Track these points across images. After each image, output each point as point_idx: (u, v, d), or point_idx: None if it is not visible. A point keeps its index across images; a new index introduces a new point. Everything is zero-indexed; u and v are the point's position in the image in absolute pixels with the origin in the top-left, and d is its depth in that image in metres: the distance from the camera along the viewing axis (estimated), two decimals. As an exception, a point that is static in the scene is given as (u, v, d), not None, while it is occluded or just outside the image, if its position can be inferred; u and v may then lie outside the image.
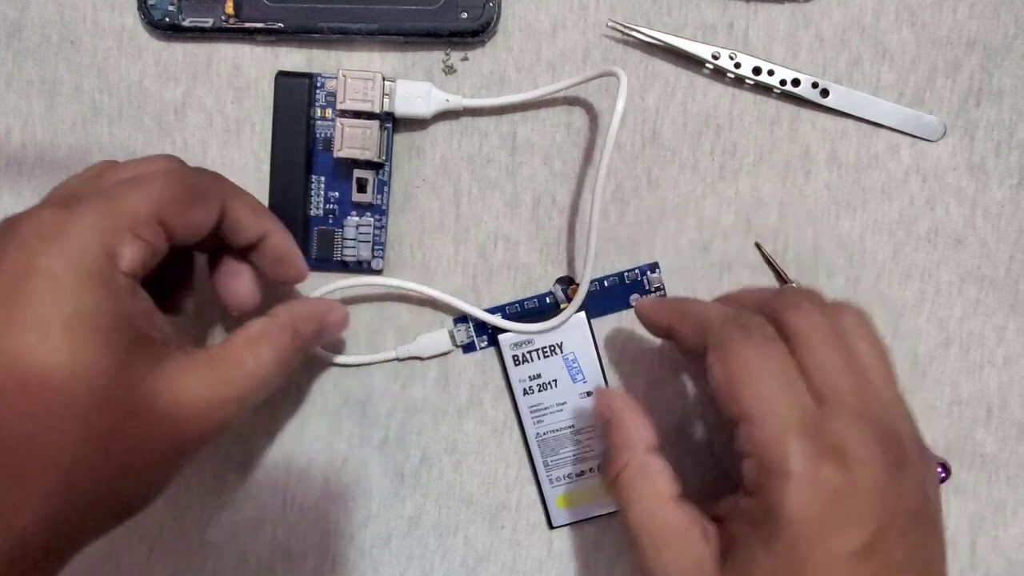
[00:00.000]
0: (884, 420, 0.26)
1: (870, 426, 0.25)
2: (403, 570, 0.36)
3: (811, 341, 0.26)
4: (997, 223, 0.35)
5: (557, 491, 0.35)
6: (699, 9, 0.35)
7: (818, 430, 0.25)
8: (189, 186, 0.27)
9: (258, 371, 0.27)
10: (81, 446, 0.23)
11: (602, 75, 0.32)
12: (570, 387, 0.35)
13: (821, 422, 0.25)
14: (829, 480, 0.24)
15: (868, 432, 0.25)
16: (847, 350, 0.27)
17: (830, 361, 0.26)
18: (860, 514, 0.24)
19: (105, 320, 0.24)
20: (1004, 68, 0.35)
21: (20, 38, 0.35)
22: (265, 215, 0.30)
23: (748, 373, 0.26)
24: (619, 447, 0.29)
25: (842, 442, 0.24)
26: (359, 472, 0.36)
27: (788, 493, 0.24)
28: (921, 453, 0.26)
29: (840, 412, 0.25)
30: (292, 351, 0.29)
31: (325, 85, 0.34)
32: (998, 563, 0.36)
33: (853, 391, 0.26)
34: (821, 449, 0.24)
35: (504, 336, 0.34)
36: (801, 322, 0.27)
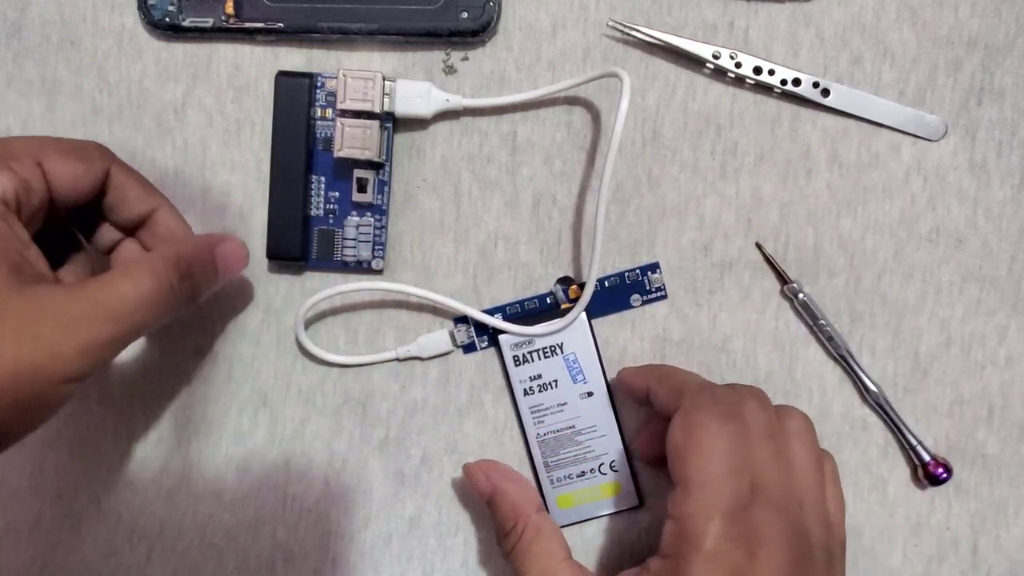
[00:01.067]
0: (800, 521, 0.27)
1: (786, 522, 0.27)
2: (403, 570, 0.36)
3: (751, 435, 0.28)
4: (999, 223, 0.35)
5: (558, 492, 0.35)
6: (699, 9, 0.34)
7: (742, 515, 0.26)
8: (72, 142, 0.28)
9: (134, 297, 0.27)
10: None
11: (604, 76, 0.32)
12: (571, 388, 0.35)
13: (747, 509, 0.26)
14: (733, 563, 0.26)
15: (783, 527, 0.26)
16: (783, 448, 0.28)
17: (764, 455, 0.28)
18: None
19: None
20: (1005, 67, 0.34)
21: (20, 38, 0.35)
22: (154, 191, 0.31)
23: (703, 444, 0.27)
24: (509, 515, 0.32)
25: (758, 531, 0.26)
26: (359, 472, 0.36)
27: (694, 566, 0.26)
28: (828, 561, 0.28)
29: (766, 503, 0.27)
30: (177, 281, 0.28)
31: (325, 85, 0.34)
32: (1000, 563, 0.36)
33: (779, 486, 0.27)
34: (737, 533, 0.26)
35: (505, 336, 0.34)
36: (748, 415, 0.28)
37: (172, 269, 0.28)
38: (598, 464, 0.35)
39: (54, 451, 0.36)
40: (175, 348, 0.36)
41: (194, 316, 0.35)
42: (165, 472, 0.36)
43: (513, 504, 0.32)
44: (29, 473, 0.36)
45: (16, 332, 0.24)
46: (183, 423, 0.36)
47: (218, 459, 0.36)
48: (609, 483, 0.35)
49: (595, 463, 0.35)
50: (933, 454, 0.35)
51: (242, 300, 0.36)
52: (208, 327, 0.36)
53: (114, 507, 0.36)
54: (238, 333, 0.36)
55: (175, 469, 0.36)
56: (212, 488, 0.36)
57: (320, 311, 0.36)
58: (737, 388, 0.30)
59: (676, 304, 0.35)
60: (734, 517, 0.26)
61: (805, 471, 0.29)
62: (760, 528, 0.26)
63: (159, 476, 0.36)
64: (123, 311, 0.26)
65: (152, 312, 0.27)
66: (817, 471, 0.29)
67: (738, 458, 0.27)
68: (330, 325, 0.36)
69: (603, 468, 0.35)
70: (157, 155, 0.35)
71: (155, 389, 0.36)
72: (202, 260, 0.30)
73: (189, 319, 0.35)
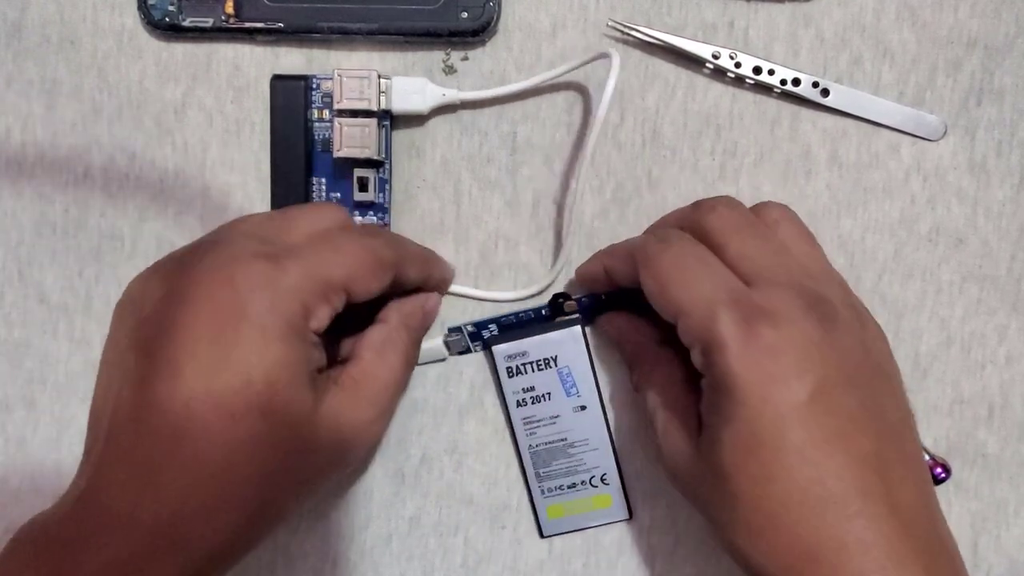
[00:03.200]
0: (810, 287, 0.27)
1: (795, 291, 0.26)
2: (403, 570, 0.36)
3: (728, 235, 0.28)
4: (998, 222, 0.35)
5: (548, 502, 0.35)
6: (699, 8, 0.34)
7: (745, 300, 0.26)
8: (377, 259, 0.29)
9: (393, 379, 0.30)
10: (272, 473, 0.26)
11: (596, 58, 0.32)
12: (563, 401, 0.34)
13: (748, 294, 0.26)
14: (762, 339, 0.25)
15: (793, 295, 0.26)
16: (767, 236, 0.28)
17: (749, 247, 0.28)
18: (799, 367, 0.25)
19: (297, 369, 0.26)
20: (1005, 67, 0.34)
21: (20, 38, 0.35)
22: (427, 264, 0.33)
23: (673, 275, 0.27)
24: (632, 356, 0.33)
25: (770, 306, 0.26)
26: (359, 472, 0.36)
27: (728, 359, 0.25)
28: (856, 315, 0.28)
29: (766, 283, 0.27)
30: (412, 348, 0.32)
31: (321, 86, 0.34)
32: (1000, 563, 0.36)
33: (777, 266, 0.27)
34: (750, 314, 0.25)
35: (498, 347, 0.34)
36: (716, 221, 0.29)
37: (409, 341, 0.31)
38: (589, 477, 0.35)
39: (54, 451, 0.36)
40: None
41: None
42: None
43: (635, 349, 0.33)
44: (30, 474, 0.36)
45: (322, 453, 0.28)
46: (183, 423, 0.36)
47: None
48: (600, 495, 0.35)
49: (586, 475, 0.35)
50: (932, 454, 0.35)
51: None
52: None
53: (114, 507, 0.36)
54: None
55: (175, 469, 0.36)
56: (212, 488, 0.36)
57: (320, 311, 0.36)
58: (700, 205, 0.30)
59: (676, 304, 0.35)
60: (738, 304, 0.26)
61: (799, 247, 0.29)
62: (771, 303, 0.26)
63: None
64: (389, 400, 0.30)
65: (404, 387, 0.32)
66: (814, 246, 0.29)
67: (711, 262, 0.27)
68: (330, 325, 0.36)
69: (594, 481, 0.35)
70: (157, 155, 0.35)
71: (155, 389, 0.36)
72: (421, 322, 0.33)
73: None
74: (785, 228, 0.29)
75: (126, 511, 0.24)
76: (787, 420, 0.24)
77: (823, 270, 0.29)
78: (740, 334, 0.25)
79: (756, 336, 0.25)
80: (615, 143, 0.35)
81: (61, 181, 0.36)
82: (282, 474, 0.26)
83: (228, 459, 0.25)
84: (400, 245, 0.31)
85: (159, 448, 0.24)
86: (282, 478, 0.26)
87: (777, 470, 0.25)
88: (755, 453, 0.25)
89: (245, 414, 0.25)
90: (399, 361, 0.30)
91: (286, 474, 0.26)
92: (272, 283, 0.26)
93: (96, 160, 0.36)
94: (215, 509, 0.25)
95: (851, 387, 0.25)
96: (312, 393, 0.27)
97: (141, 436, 0.24)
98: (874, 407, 0.26)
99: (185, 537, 0.24)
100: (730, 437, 0.25)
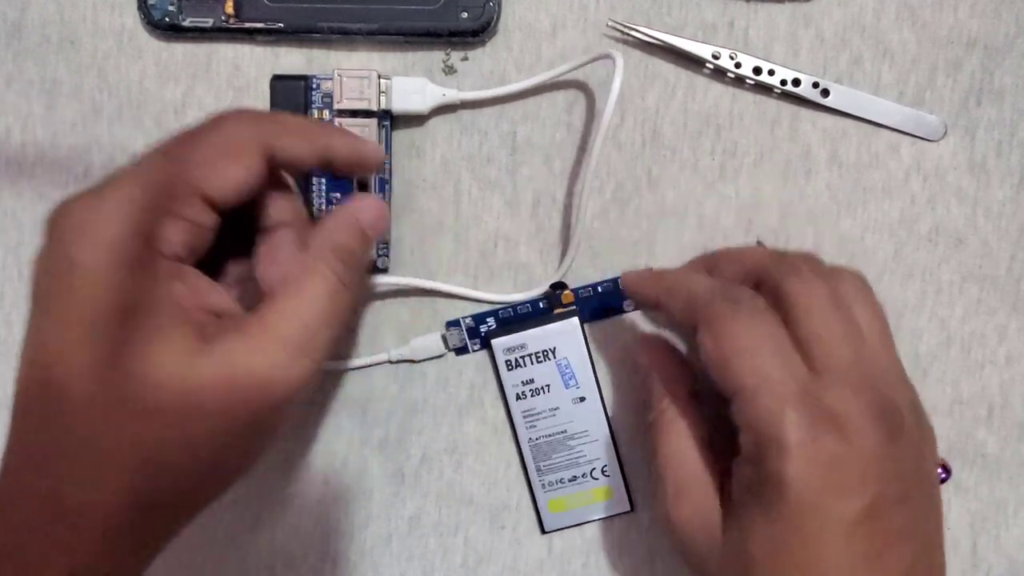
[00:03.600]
0: (881, 389, 0.25)
1: (867, 395, 0.25)
2: (403, 570, 0.36)
3: (810, 310, 0.26)
4: (998, 222, 0.35)
5: (550, 496, 0.35)
6: (699, 9, 0.34)
7: (814, 399, 0.24)
8: (228, 143, 0.25)
9: (315, 313, 0.25)
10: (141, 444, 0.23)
11: (597, 58, 0.32)
12: (563, 392, 0.35)
13: (817, 391, 0.25)
14: (826, 449, 0.24)
15: (865, 401, 0.25)
16: (846, 319, 0.26)
17: (828, 330, 0.26)
18: (859, 482, 0.24)
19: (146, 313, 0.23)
20: (1005, 67, 0.34)
21: (20, 38, 0.35)
22: (316, 132, 0.28)
23: (739, 347, 0.25)
24: (657, 394, 0.30)
25: (839, 411, 0.24)
26: (359, 472, 0.36)
27: (787, 463, 0.24)
28: (918, 421, 0.26)
29: (837, 381, 0.25)
30: (347, 273, 0.27)
31: (321, 87, 0.34)
32: (1000, 563, 0.36)
33: (850, 361, 0.25)
34: (818, 418, 0.24)
35: (497, 341, 0.34)
36: (800, 290, 0.26)
37: (336, 264, 0.26)
38: (590, 469, 0.35)
39: (54, 451, 0.36)
40: (175, 348, 0.36)
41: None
42: (165, 472, 0.36)
43: (662, 385, 0.30)
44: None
45: (221, 401, 0.24)
46: (183, 423, 0.36)
47: (218, 459, 0.36)
48: (601, 488, 0.35)
49: (587, 468, 0.35)
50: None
51: (242, 300, 0.36)
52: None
53: (114, 507, 0.36)
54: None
55: (175, 469, 0.36)
56: (212, 488, 0.36)
57: (320, 311, 0.36)
58: (779, 263, 0.28)
59: (676, 304, 0.35)
60: (806, 402, 0.24)
61: (873, 336, 0.27)
62: (840, 407, 0.24)
63: (159, 476, 0.36)
64: (309, 338, 0.25)
65: (335, 320, 0.26)
66: (883, 332, 0.27)
67: (782, 344, 0.25)
68: (330, 325, 0.36)
69: (595, 473, 0.35)
70: (157, 155, 0.35)
71: (155, 389, 0.36)
72: (357, 238, 0.28)
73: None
74: (861, 310, 0.27)
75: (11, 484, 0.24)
76: (835, 532, 0.24)
77: (892, 365, 0.27)
78: (805, 440, 0.24)
79: (821, 445, 0.24)
80: (615, 143, 0.35)
81: (61, 181, 0.36)
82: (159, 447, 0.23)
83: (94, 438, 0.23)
84: (263, 120, 0.27)
85: (33, 423, 0.23)
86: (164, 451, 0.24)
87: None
88: (793, 555, 0.24)
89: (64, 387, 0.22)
90: (322, 291, 0.26)
91: (166, 446, 0.24)
92: (91, 217, 0.23)
93: (96, 160, 0.36)
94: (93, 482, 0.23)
95: (903, 504, 0.25)
96: (178, 335, 0.23)
97: (22, 412, 0.24)
98: (918, 521, 0.25)
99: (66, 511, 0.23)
100: (769, 532, 0.24)
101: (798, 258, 0.28)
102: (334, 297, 0.26)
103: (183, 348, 0.23)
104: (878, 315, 0.28)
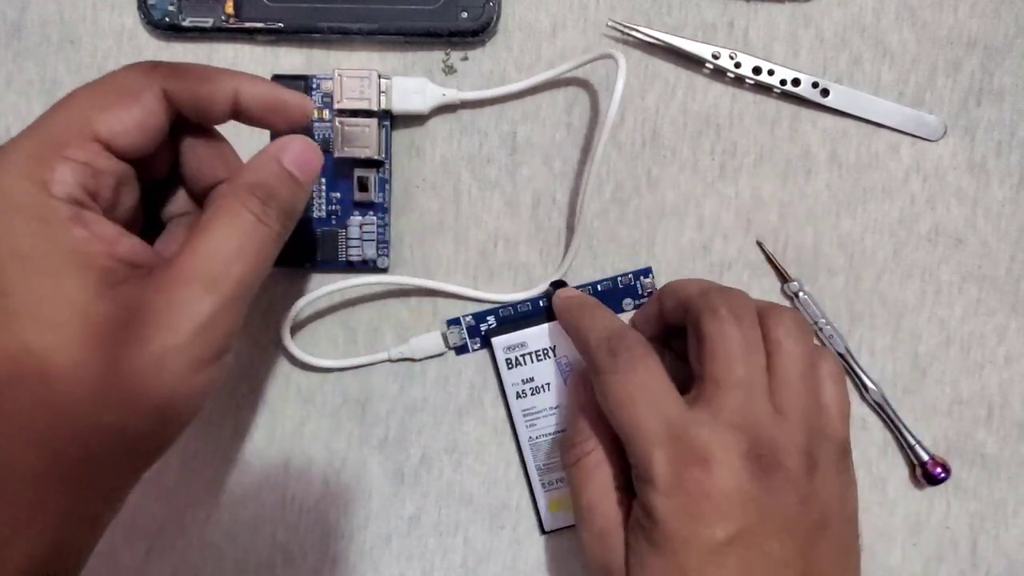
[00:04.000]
0: (760, 429, 0.27)
1: (741, 433, 0.27)
2: (403, 570, 0.36)
3: (714, 353, 0.28)
4: (998, 223, 0.35)
5: (550, 495, 0.35)
6: (699, 9, 0.34)
7: (683, 437, 0.27)
8: (115, 90, 0.24)
9: (227, 251, 0.24)
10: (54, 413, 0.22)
11: (599, 57, 0.32)
12: (563, 391, 0.35)
13: (689, 428, 0.27)
14: (691, 480, 0.26)
15: (735, 439, 0.27)
16: (748, 361, 0.28)
17: (726, 372, 0.28)
18: (723, 512, 0.26)
19: (43, 256, 0.22)
20: (1005, 68, 0.34)
21: (20, 38, 0.35)
22: (221, 76, 0.27)
23: (618, 399, 0.28)
24: (583, 434, 0.31)
25: (705, 446, 0.26)
26: (359, 472, 0.36)
27: (655, 496, 0.26)
28: (807, 466, 0.27)
29: (714, 419, 0.27)
30: (261, 210, 0.25)
31: (320, 87, 0.34)
32: (999, 563, 0.36)
33: (738, 402, 0.27)
34: (683, 453, 0.26)
35: (497, 339, 0.34)
36: (711, 329, 0.28)
37: (250, 200, 0.25)
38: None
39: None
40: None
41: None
42: (164, 471, 0.36)
43: (590, 427, 0.31)
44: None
45: (119, 344, 0.22)
46: (183, 423, 0.36)
47: (217, 459, 0.36)
48: None
49: None
50: (932, 454, 0.35)
51: (242, 300, 0.36)
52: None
53: (114, 507, 0.36)
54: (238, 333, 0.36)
55: (174, 468, 0.36)
56: (211, 488, 0.36)
57: (319, 310, 0.36)
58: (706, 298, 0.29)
59: (676, 304, 0.35)
60: (672, 442, 0.27)
61: (791, 376, 0.28)
62: (709, 445, 0.26)
63: (158, 475, 0.36)
64: (219, 273, 0.24)
65: (251, 257, 0.25)
66: (814, 371, 0.29)
67: (657, 389, 0.28)
68: (329, 324, 0.36)
69: None
70: (157, 155, 0.35)
71: (155, 389, 0.36)
72: (277, 175, 0.26)
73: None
74: (790, 346, 0.29)
75: None
76: (703, 558, 0.26)
77: (806, 408, 0.28)
78: (671, 474, 0.26)
79: (687, 476, 0.26)
80: (615, 143, 0.35)
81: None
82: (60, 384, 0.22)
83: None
84: (167, 64, 0.26)
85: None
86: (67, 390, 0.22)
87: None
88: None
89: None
90: (234, 227, 0.24)
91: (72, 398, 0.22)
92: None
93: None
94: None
95: (782, 535, 0.26)
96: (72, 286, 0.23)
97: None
98: (809, 557, 0.27)
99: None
100: (656, 563, 0.26)
101: (722, 296, 0.29)
102: (249, 234, 0.25)
103: (81, 290, 0.23)
104: (805, 354, 0.29)
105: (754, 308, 0.29)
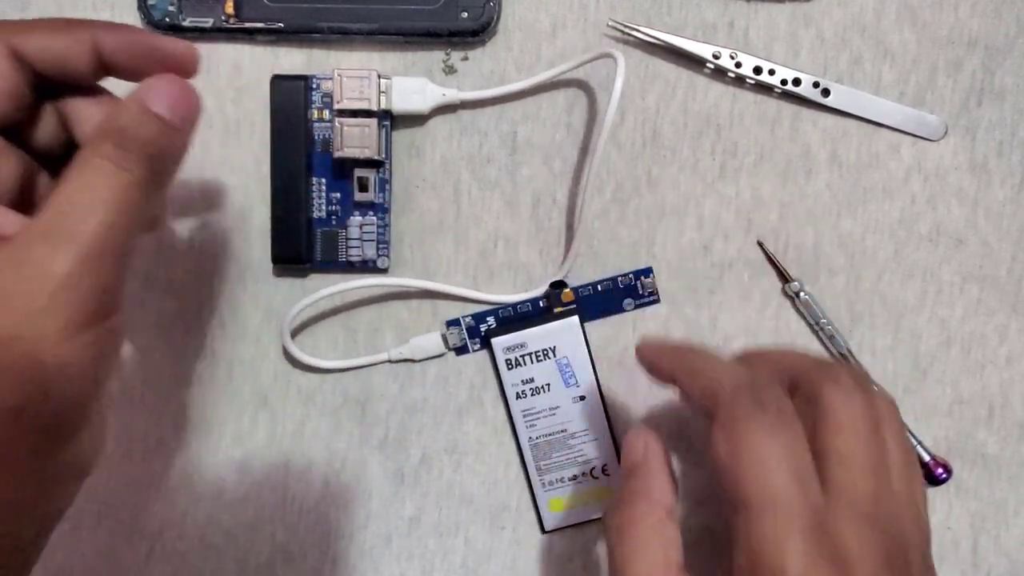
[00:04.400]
0: (894, 528, 0.24)
1: (878, 532, 0.23)
2: (403, 570, 0.36)
3: (842, 427, 0.24)
4: (999, 223, 0.35)
5: (550, 495, 0.35)
6: (699, 8, 0.34)
7: (823, 531, 0.23)
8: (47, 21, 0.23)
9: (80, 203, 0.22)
10: None
11: (599, 57, 0.32)
12: (563, 391, 0.35)
13: (828, 522, 0.23)
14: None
15: (875, 539, 0.23)
16: (877, 445, 0.25)
17: (856, 453, 0.24)
18: None
19: None
20: (1006, 67, 0.34)
21: (20, 38, 0.35)
22: (77, 25, 0.25)
23: (755, 458, 0.23)
24: (641, 496, 0.27)
25: (846, 547, 0.23)
26: (359, 472, 0.36)
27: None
28: (924, 565, 0.25)
29: (851, 514, 0.23)
30: (118, 156, 0.23)
31: (321, 86, 0.34)
32: (1000, 563, 0.36)
33: (870, 493, 0.24)
34: (823, 551, 0.22)
35: (497, 339, 0.34)
36: (839, 401, 0.25)
37: (102, 146, 0.23)
38: (590, 468, 0.35)
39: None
40: (175, 349, 0.36)
41: (194, 316, 0.35)
42: (165, 472, 0.36)
43: (650, 489, 0.27)
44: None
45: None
46: (183, 423, 0.36)
47: (218, 459, 0.36)
48: (601, 487, 0.35)
49: (587, 467, 0.35)
50: (933, 454, 0.35)
51: (243, 300, 0.36)
52: (208, 328, 0.36)
53: (114, 507, 0.36)
54: (238, 333, 0.36)
55: (175, 469, 0.36)
56: (212, 488, 0.36)
57: (320, 310, 0.36)
58: (826, 368, 0.26)
59: (676, 304, 0.35)
60: (813, 532, 0.22)
61: (900, 467, 0.25)
62: (848, 543, 0.23)
63: (159, 476, 0.36)
64: (71, 228, 0.22)
65: (112, 207, 0.22)
66: (909, 464, 0.25)
67: (802, 464, 0.23)
68: (329, 325, 0.36)
69: (595, 472, 0.35)
70: (157, 155, 0.35)
71: (155, 389, 0.36)
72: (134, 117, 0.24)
73: (190, 319, 0.35)
74: (891, 439, 0.25)
75: None
76: None
77: (913, 507, 0.25)
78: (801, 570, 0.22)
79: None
80: (615, 143, 0.35)
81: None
82: None
83: None
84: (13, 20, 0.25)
85: None
86: None
87: None
88: None
89: None
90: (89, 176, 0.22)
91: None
92: None
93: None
94: None
95: None
96: None
97: None
98: None
99: None
100: None
101: (840, 367, 0.26)
102: (105, 182, 0.23)
103: None
104: (906, 448, 0.26)
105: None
